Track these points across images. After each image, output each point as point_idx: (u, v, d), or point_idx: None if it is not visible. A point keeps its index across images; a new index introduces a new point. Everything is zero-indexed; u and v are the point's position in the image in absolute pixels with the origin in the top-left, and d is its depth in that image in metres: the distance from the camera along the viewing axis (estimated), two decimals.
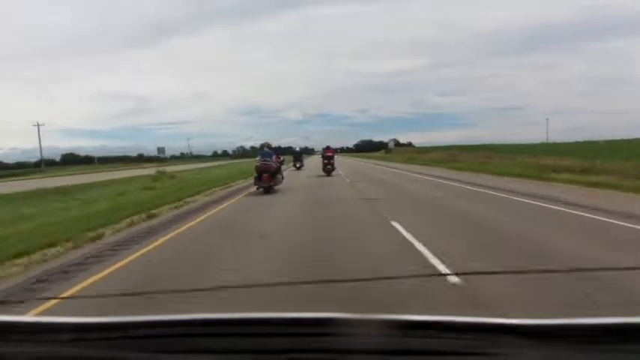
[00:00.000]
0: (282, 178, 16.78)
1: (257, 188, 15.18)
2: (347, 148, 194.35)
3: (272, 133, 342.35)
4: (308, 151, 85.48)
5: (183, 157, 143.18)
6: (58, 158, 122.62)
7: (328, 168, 24.21)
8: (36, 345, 0.82)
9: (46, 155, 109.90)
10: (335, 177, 23.06)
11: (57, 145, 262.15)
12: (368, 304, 3.81)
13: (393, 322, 0.78)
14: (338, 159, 35.30)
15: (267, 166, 15.01)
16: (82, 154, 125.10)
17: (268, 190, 14.81)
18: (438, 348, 0.76)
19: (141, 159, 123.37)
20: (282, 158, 17.15)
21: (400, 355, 0.76)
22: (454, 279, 4.58)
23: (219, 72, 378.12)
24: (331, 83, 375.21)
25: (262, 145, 16.92)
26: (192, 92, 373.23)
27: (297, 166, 32.30)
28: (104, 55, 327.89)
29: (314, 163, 40.56)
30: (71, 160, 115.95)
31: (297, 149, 38.64)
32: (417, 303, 3.83)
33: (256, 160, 16.09)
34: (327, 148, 25.77)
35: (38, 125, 79.38)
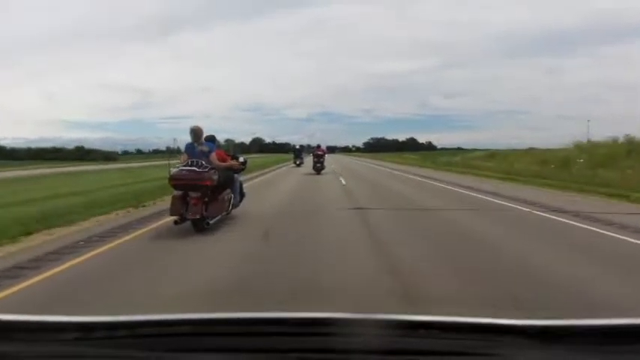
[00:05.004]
0: (242, 196, 8.66)
1: (175, 222, 6.79)
2: (354, 147, 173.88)
3: (275, 129, 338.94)
4: (310, 150, 78.27)
5: (169, 152, 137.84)
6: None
7: (318, 166, 24.98)
8: (40, 344, 0.80)
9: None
10: None
11: (60, 135, 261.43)
12: None
13: (395, 322, 0.79)
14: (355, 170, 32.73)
15: (196, 176, 6.79)
16: (88, 146, 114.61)
17: (200, 227, 6.73)
18: (439, 348, 0.76)
19: (82, 151, 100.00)
20: (242, 159, 8.61)
21: (401, 355, 0.76)
22: None
23: (224, 67, 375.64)
24: (336, 82, 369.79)
25: (192, 131, 7.38)
26: (197, 87, 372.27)
27: (297, 162, 33.21)
28: (109, 47, 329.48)
29: (311, 163, 37.70)
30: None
31: (298, 147, 38.88)
32: None
33: (174, 165, 7.36)
34: (318, 147, 26.66)
35: None
